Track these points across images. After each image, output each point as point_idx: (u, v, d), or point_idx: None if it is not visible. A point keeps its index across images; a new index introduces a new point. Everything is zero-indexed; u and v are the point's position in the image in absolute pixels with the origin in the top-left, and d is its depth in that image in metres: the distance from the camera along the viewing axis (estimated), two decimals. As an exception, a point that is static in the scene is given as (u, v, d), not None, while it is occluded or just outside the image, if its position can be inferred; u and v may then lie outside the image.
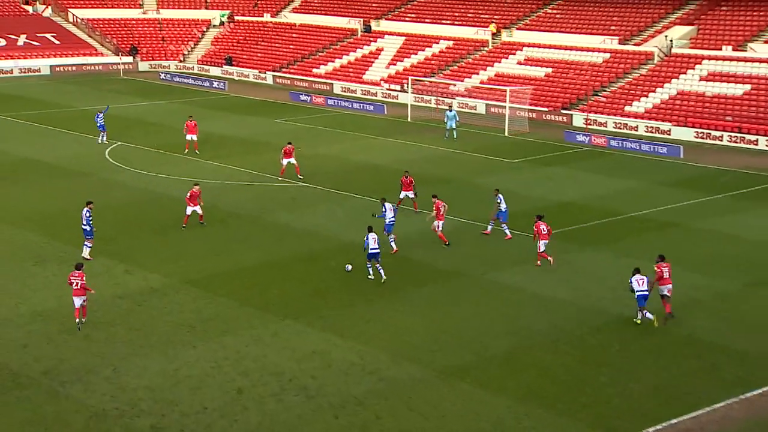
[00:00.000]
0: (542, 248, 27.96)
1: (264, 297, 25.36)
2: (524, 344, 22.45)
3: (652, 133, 50.49)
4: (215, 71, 74.19)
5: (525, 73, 60.06)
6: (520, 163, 43.28)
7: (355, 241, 30.12)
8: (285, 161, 38.23)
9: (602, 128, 51.89)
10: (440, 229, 29.96)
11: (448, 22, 69.87)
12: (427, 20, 71.19)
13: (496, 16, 68.30)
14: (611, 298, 25.44)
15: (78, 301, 23.03)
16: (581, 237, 31.19)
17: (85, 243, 28.32)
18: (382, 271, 26.48)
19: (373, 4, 76.91)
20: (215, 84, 68.49)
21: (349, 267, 27.10)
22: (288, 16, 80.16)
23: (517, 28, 65.95)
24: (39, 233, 30.64)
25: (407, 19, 72.72)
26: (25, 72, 72.08)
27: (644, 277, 23.45)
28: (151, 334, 22.67)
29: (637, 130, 51.08)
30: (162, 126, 51.76)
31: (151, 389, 19.91)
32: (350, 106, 59.60)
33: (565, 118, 54.25)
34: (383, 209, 29.64)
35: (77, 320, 23.05)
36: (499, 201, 30.74)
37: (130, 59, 76.40)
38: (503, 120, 51.22)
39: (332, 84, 66.42)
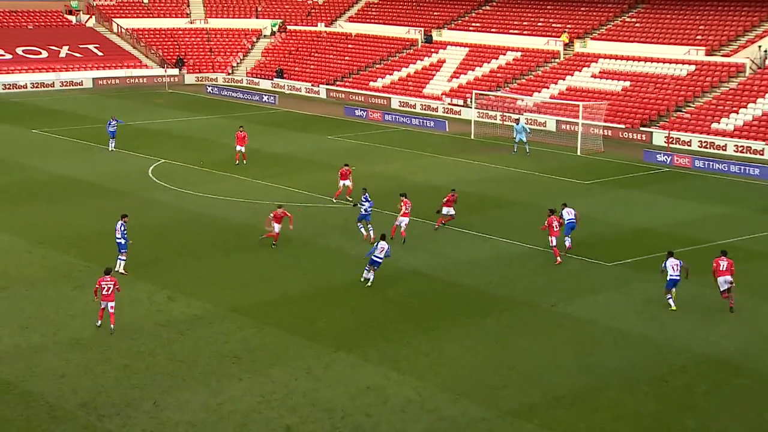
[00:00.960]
0: (554, 243, 30.80)
1: (315, 327, 25.50)
2: (597, 383, 22.17)
3: (743, 153, 49.64)
4: (265, 84, 75.27)
5: (600, 87, 59.66)
6: (594, 185, 42.91)
7: (416, 268, 30.18)
8: (341, 183, 38.65)
9: (686, 147, 51.19)
10: (404, 226, 32.56)
11: (515, 31, 69.87)
12: (492, 30, 71.30)
13: (568, 25, 68.07)
14: (696, 334, 24.98)
15: (107, 305, 24.63)
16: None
17: (119, 257, 29.11)
18: (371, 276, 28.45)
19: (435, 13, 77.35)
20: (265, 98, 69.43)
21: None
22: (343, 26, 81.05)
23: (592, 38, 65.62)
24: (78, 256, 31.35)
25: (471, 28, 72.93)
26: (66, 85, 74.12)
27: (678, 262, 26.79)
28: (194, 366, 22.96)
29: (725, 150, 50.28)
30: (208, 142, 52.59)
31: (194, 425, 20.14)
32: (409, 122, 59.87)
33: (644, 136, 53.69)
34: (363, 199, 33.11)
35: (99, 323, 24.81)
36: (561, 216, 31.63)
37: (175, 71, 78.03)
38: (575, 138, 50.90)
39: (390, 98, 66.83)
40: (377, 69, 72.22)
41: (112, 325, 24.59)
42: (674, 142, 51.44)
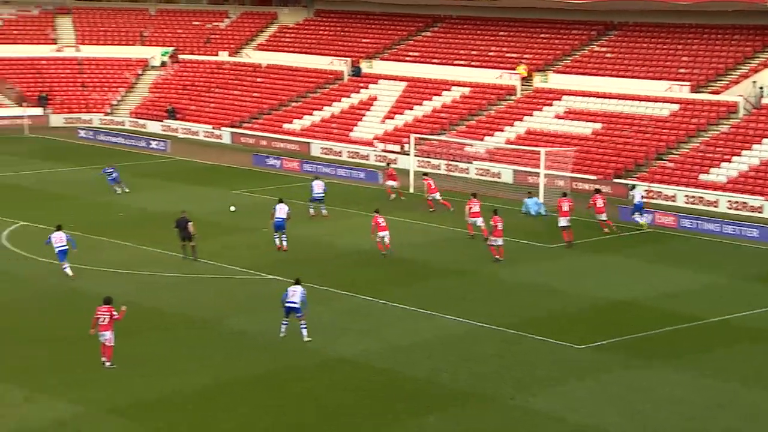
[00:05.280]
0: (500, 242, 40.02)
1: (216, 431, 25.05)
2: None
3: (738, 210, 50.74)
4: (153, 127, 74.90)
5: (566, 130, 60.76)
6: (559, 250, 43.36)
7: (341, 354, 30.00)
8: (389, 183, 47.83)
9: (670, 203, 52.19)
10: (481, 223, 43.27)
11: (462, 63, 70.96)
12: (434, 60, 72.31)
13: (526, 56, 69.40)
14: (692, 430, 25.23)
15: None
16: (647, 349, 31.05)
17: None
18: (305, 331, 30.56)
19: (364, 40, 78.21)
20: (153, 144, 69.07)
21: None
22: (251, 55, 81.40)
23: (555, 71, 66.99)
24: None
25: (409, 58, 73.85)
26: None
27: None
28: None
29: (717, 206, 51.39)
30: (79, 201, 52.03)
31: None
32: (334, 173, 60.04)
33: (619, 189, 54.62)
34: (273, 210, 41.54)
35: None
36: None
37: (38, 111, 77.18)
38: (537, 191, 51.49)
39: (310, 144, 67.04)
40: (294, 108, 72.51)
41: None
42: (655, 196, 52.46)
